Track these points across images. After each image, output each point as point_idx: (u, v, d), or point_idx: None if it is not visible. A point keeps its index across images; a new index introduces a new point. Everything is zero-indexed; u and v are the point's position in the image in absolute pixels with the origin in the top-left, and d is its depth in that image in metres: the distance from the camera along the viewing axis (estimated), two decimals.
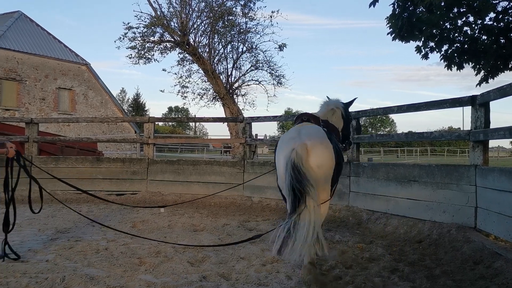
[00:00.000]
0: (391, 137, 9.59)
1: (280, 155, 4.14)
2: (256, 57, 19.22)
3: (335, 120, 5.30)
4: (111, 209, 8.89)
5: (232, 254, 5.27)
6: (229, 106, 18.42)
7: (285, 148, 4.05)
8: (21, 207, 8.97)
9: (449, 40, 11.01)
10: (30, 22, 28.81)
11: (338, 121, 5.34)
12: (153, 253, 5.26)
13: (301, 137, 4.07)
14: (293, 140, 4.04)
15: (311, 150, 3.95)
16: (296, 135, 4.15)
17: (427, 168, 6.69)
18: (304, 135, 4.10)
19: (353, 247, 5.68)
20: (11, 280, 4.14)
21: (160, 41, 18.32)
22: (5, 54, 25.38)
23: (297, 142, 3.95)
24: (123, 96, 73.83)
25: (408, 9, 10.29)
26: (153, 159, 10.92)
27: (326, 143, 4.13)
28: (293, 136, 4.15)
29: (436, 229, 6.03)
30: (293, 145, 3.94)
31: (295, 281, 4.28)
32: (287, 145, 4.04)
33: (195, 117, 16.27)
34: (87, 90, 30.06)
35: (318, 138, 4.11)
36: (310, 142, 3.99)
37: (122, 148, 30.96)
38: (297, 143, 3.94)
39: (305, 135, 4.10)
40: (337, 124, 5.32)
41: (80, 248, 5.49)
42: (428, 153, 56.09)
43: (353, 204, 8.03)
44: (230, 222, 7.47)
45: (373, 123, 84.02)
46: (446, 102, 6.62)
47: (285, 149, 4.04)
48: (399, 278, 4.36)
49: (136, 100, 69.13)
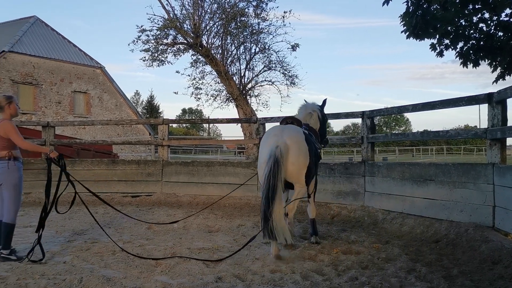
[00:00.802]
0: (406, 136, 9.50)
1: (265, 148, 4.96)
2: (269, 57, 19.21)
3: (313, 122, 6.07)
4: (127, 211, 8.95)
5: (247, 255, 5.28)
6: (242, 107, 18.44)
7: (269, 143, 4.88)
8: (38, 209, 9.10)
9: (464, 37, 10.87)
10: (45, 26, 29.19)
11: (315, 123, 6.11)
12: (169, 255, 5.28)
13: (283, 136, 4.90)
14: (276, 137, 4.89)
15: (290, 149, 4.82)
16: (279, 133, 4.98)
17: (444, 167, 6.62)
18: (285, 135, 4.92)
19: (369, 247, 5.64)
20: (30, 281, 4.20)
21: (173, 43, 18.41)
22: (21, 58, 25.76)
23: (279, 140, 4.79)
24: (137, 98, 74.51)
25: (422, 6, 10.19)
26: (167, 160, 10.97)
27: (302, 145, 4.99)
28: (276, 133, 4.98)
29: (453, 228, 5.96)
30: (276, 142, 4.79)
31: (310, 281, 4.27)
32: (271, 140, 4.88)
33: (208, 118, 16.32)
34: (102, 93, 30.35)
35: (296, 140, 4.95)
36: (289, 141, 4.87)
37: (137, 150, 31.18)
38: (280, 141, 4.77)
39: (287, 135, 4.92)
40: (315, 126, 6.09)
41: (96, 249, 5.55)
42: (444, 151, 55.41)
43: (368, 204, 7.98)
44: (245, 223, 7.47)
45: (388, 122, 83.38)
46: (462, 100, 6.54)
47: (269, 144, 4.88)
48: (416, 279, 4.31)
49: (150, 102, 69.58)
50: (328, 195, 8.63)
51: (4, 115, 5.19)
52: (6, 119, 5.17)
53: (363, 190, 8.18)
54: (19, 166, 5.21)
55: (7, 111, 5.19)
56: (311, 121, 6.04)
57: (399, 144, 55.42)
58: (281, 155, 4.77)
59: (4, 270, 4.59)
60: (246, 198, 9.58)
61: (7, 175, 5.07)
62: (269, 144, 4.94)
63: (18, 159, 5.22)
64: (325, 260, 5.04)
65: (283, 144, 4.82)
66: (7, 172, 5.07)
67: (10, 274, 4.43)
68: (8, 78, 25.10)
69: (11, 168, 5.09)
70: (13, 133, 5.06)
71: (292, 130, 5.16)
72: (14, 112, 5.25)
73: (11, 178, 5.09)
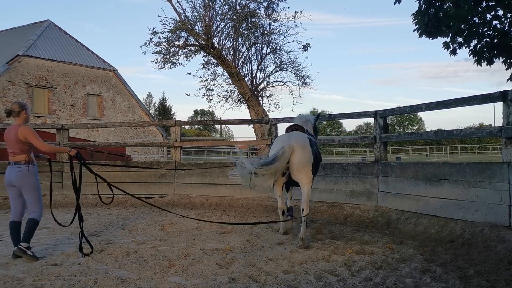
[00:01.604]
0: (419, 135, 9.41)
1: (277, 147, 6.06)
2: (280, 58, 19.16)
3: (309, 129, 7.11)
4: (140, 212, 9.03)
5: (260, 256, 5.28)
6: (254, 108, 18.43)
7: (280, 145, 6.04)
8: (54, 211, 9.19)
9: (478, 35, 10.76)
10: (59, 30, 29.53)
11: (311, 131, 7.14)
12: (182, 255, 5.31)
13: (290, 141, 6.05)
14: (284, 142, 6.05)
15: (295, 150, 5.95)
16: (287, 139, 6.13)
17: (458, 166, 6.55)
18: (292, 140, 6.07)
19: (383, 247, 5.61)
20: (45, 282, 4.25)
21: (184, 45, 18.47)
22: (35, 62, 26.08)
23: (286, 144, 5.94)
24: (150, 100, 74.89)
25: (434, 4, 10.12)
26: (180, 162, 11.02)
27: (306, 146, 6.07)
28: (284, 139, 6.16)
29: (468, 228, 5.90)
30: (282, 144, 6.00)
31: (324, 282, 4.25)
32: (281, 144, 6.03)
33: (220, 119, 16.37)
34: (114, 96, 30.59)
35: (301, 142, 6.08)
36: (295, 143, 6.00)
37: (150, 151, 31.36)
38: (287, 144, 5.94)
39: (293, 140, 6.07)
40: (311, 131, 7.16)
41: (111, 251, 5.59)
42: (459, 151, 54.84)
43: (381, 204, 7.93)
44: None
45: (401, 122, 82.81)
46: (476, 99, 6.47)
47: (280, 145, 6.03)
48: (431, 279, 4.27)
49: (163, 104, 69.96)
50: (341, 195, 8.60)
51: (18, 120, 5.43)
52: (21, 124, 5.40)
53: (376, 190, 8.13)
54: (36, 169, 5.46)
55: (22, 117, 5.44)
56: (308, 128, 7.09)
57: (412, 144, 54.99)
58: (282, 153, 5.83)
59: (21, 272, 4.66)
60: (259, 199, 9.58)
61: (27, 179, 5.32)
62: (276, 146, 6.17)
63: (34, 162, 5.46)
64: (339, 261, 5.02)
65: (288, 146, 5.91)
66: (27, 175, 5.32)
67: (26, 276, 4.49)
68: (23, 82, 25.43)
69: (31, 172, 5.35)
70: (34, 137, 5.31)
71: (297, 135, 6.28)
72: (27, 118, 5.51)
73: (31, 181, 5.34)
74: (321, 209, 8.66)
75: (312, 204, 8.89)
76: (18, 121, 5.43)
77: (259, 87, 19.41)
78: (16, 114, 5.41)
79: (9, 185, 5.39)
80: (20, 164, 5.30)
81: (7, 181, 5.38)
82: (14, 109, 5.42)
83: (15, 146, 5.32)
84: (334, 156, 43.77)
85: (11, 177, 5.33)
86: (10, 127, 5.45)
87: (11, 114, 5.45)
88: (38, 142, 5.33)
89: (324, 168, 9.04)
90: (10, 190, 5.44)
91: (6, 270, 4.74)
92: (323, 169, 9.04)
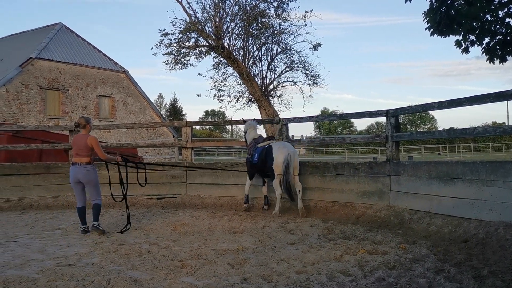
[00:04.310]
0: (432, 134, 9.32)
1: (280, 154, 8.45)
2: (291, 57, 19.15)
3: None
4: (152, 213, 9.07)
5: (272, 256, 5.27)
6: (264, 108, 18.43)
7: (283, 152, 8.43)
8: (67, 212, 9.29)
9: (490, 33, 10.65)
10: (71, 33, 29.78)
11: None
12: (194, 256, 5.32)
13: (289, 149, 8.52)
14: (285, 148, 8.53)
15: (293, 156, 8.47)
16: (286, 146, 8.63)
17: (471, 165, 6.48)
18: (290, 148, 8.58)
19: (396, 247, 5.57)
20: (59, 283, 4.29)
21: (195, 46, 18.52)
22: (48, 65, 26.33)
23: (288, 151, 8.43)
24: (161, 101, 75.19)
25: (446, 2, 10.03)
26: (191, 162, 11.04)
27: (296, 153, 8.73)
28: (285, 146, 8.68)
29: (482, 228, 5.83)
30: (288, 152, 8.41)
31: (336, 282, 4.24)
32: (284, 151, 8.46)
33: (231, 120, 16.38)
34: (126, 97, 30.77)
35: (294, 151, 8.66)
36: (292, 152, 8.52)
37: (161, 152, 31.48)
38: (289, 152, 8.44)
39: (290, 148, 8.59)
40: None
41: (123, 251, 5.63)
42: (472, 149, 54.22)
43: (394, 203, 7.88)
44: (270, 224, 7.47)
45: (413, 121, 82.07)
46: (489, 97, 6.40)
47: (283, 152, 8.43)
48: (445, 279, 4.23)
49: (173, 105, 70.17)
50: (353, 195, 8.56)
51: (84, 131, 7.06)
52: (88, 134, 7.01)
53: (388, 190, 8.08)
54: (96, 168, 7.13)
55: (87, 128, 7.09)
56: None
57: (424, 143, 54.55)
58: (290, 159, 8.37)
59: (35, 272, 4.70)
60: (270, 199, 9.57)
61: (93, 175, 6.99)
62: (282, 153, 8.44)
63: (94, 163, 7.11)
64: (351, 261, 5.00)
65: (292, 153, 8.49)
66: (92, 173, 6.98)
67: (40, 276, 4.53)
68: (36, 84, 25.70)
69: (95, 170, 7.06)
70: (97, 146, 6.94)
71: (290, 146, 8.81)
72: (90, 129, 7.16)
73: (95, 177, 7.02)
74: (332, 209, 8.63)
75: (323, 204, 8.87)
76: (84, 131, 7.04)
77: (269, 87, 19.41)
78: (83, 126, 7.04)
79: (75, 181, 6.94)
80: (87, 165, 6.90)
81: (74, 178, 6.91)
82: (81, 122, 7.05)
83: (83, 150, 6.87)
84: (345, 155, 43.59)
85: (78, 174, 6.88)
86: (79, 135, 7.03)
87: (79, 126, 7.07)
88: (99, 151, 6.95)
89: (336, 168, 9.01)
90: (75, 185, 7.00)
91: (21, 270, 4.80)
92: (334, 169, 9.02)
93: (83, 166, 6.87)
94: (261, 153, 8.90)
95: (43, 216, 8.88)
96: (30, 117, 25.33)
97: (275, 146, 8.73)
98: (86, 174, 6.88)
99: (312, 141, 26.27)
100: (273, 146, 8.75)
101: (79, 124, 7.08)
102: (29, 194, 10.60)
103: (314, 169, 9.32)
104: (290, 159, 8.29)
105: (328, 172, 9.06)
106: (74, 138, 7.07)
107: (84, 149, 6.87)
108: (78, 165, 6.88)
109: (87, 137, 6.92)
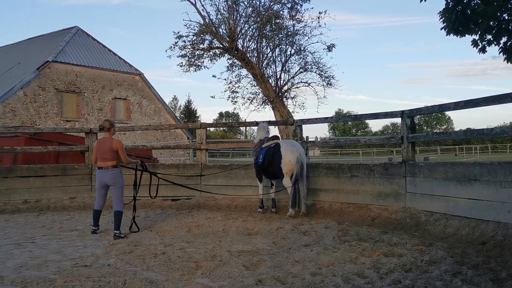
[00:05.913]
0: (448, 135, 9.20)
1: (291, 154, 8.36)
2: (305, 59, 19.06)
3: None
4: (167, 214, 9.12)
5: (287, 258, 5.26)
6: (279, 109, 18.40)
7: (293, 151, 8.37)
8: (83, 214, 9.38)
9: (508, 32, 10.49)
10: (87, 36, 30.12)
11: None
12: (209, 257, 5.33)
13: (298, 149, 8.50)
14: (295, 147, 8.48)
15: (304, 157, 8.59)
16: (292, 145, 8.55)
17: (489, 166, 6.39)
18: (299, 148, 8.57)
19: (412, 249, 5.51)
20: (76, 284, 4.34)
21: (209, 48, 18.57)
22: (64, 68, 26.67)
23: (298, 151, 8.41)
24: (175, 103, 75.59)
25: (462, 1, 9.91)
26: (206, 164, 11.08)
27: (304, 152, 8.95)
28: (294, 145, 8.61)
29: (501, 230, 5.74)
30: (298, 152, 8.39)
31: (352, 284, 4.21)
32: (293, 150, 8.40)
33: (245, 121, 16.39)
34: (141, 99, 31.01)
35: (303, 149, 8.81)
36: (302, 151, 8.57)
37: (176, 154, 31.65)
38: (299, 151, 8.43)
39: (299, 148, 8.58)
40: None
41: (139, 252, 5.67)
42: (489, 150, 53.39)
43: (410, 205, 7.80)
44: (284, 225, 7.45)
45: (428, 121, 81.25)
46: (507, 97, 6.30)
47: (293, 152, 8.37)
48: (462, 282, 4.18)
49: (188, 107, 70.50)
50: (368, 196, 8.49)
51: (108, 134, 7.13)
52: (112, 137, 7.09)
53: (404, 191, 8.00)
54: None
55: (111, 131, 7.16)
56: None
57: (440, 144, 53.89)
58: (303, 160, 8.46)
59: (52, 273, 4.76)
60: (284, 200, 9.54)
61: (120, 178, 7.08)
62: (293, 152, 8.37)
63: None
64: (367, 263, 4.96)
65: (302, 152, 8.57)
66: (120, 176, 7.09)
67: (57, 277, 4.59)
68: (53, 87, 26.03)
69: (121, 174, 7.15)
70: (122, 150, 7.03)
71: (299, 145, 8.75)
72: (114, 132, 7.24)
73: (121, 180, 7.11)
74: (347, 210, 8.58)
75: (338, 206, 8.83)
76: (108, 135, 7.12)
77: (283, 88, 19.36)
78: (107, 129, 7.12)
79: (102, 185, 7.06)
80: (113, 168, 6.99)
81: (101, 182, 7.02)
82: (105, 125, 7.15)
83: (108, 153, 6.94)
84: (360, 156, 43.31)
85: (105, 178, 6.98)
86: (104, 138, 7.07)
87: (103, 129, 7.16)
88: (123, 155, 7.03)
89: (350, 169, 8.96)
90: (100, 189, 7.11)
91: (39, 271, 4.86)
92: (349, 170, 8.96)
93: (109, 170, 6.98)
94: (266, 153, 8.82)
95: (60, 217, 8.99)
96: (47, 120, 25.66)
97: (283, 144, 8.65)
98: (112, 177, 7.00)
99: (326, 142, 26.18)
100: (281, 144, 8.66)
101: (104, 127, 7.17)
102: (46, 196, 10.73)
103: (328, 171, 9.27)
104: (303, 160, 8.32)
105: (343, 174, 9.01)
106: (98, 142, 7.11)
107: (109, 152, 6.94)
108: (104, 169, 6.98)
109: (111, 141, 6.99)
